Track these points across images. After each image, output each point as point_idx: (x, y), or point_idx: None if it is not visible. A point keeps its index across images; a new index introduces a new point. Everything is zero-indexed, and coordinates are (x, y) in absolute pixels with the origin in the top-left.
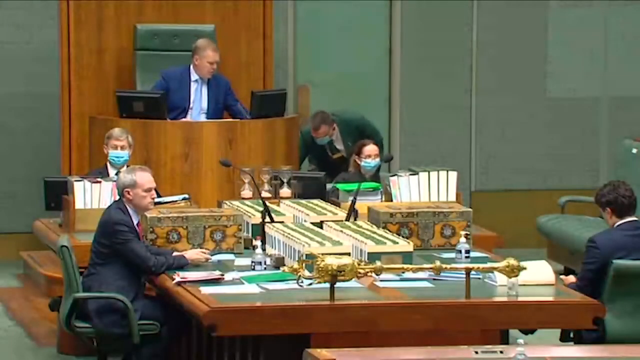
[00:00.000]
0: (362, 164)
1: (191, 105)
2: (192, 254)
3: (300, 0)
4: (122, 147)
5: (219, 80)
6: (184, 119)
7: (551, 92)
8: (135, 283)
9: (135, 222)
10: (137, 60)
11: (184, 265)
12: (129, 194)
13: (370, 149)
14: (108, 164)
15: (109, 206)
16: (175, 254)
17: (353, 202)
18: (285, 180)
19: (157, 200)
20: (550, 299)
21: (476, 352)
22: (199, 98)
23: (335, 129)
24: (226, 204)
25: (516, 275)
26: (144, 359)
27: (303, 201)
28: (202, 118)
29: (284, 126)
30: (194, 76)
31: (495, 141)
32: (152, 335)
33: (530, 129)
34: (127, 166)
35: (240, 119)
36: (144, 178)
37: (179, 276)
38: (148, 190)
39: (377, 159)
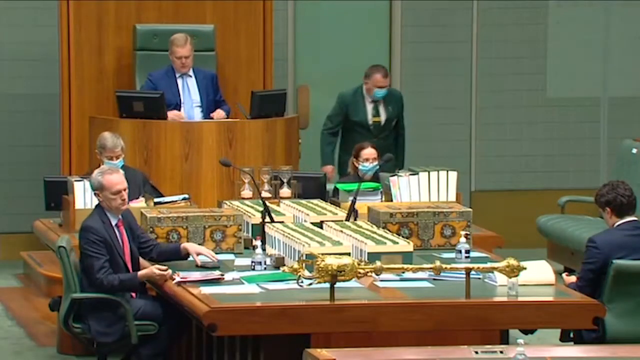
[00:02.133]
0: (360, 167)
1: (182, 100)
2: (147, 271)
3: (300, 0)
4: (117, 157)
5: (205, 73)
6: (182, 119)
7: (551, 92)
8: None
9: (114, 223)
10: (137, 60)
11: (135, 286)
12: (98, 196)
13: (368, 152)
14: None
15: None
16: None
17: (353, 202)
18: (285, 180)
19: (157, 200)
20: (550, 299)
21: (476, 352)
22: (187, 91)
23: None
24: (226, 204)
25: (516, 275)
26: (143, 359)
27: (303, 201)
28: (197, 111)
29: (284, 126)
30: (177, 72)
31: (495, 141)
32: (150, 335)
33: (530, 129)
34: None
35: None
36: (112, 181)
37: (178, 276)
38: (116, 192)
39: (375, 163)
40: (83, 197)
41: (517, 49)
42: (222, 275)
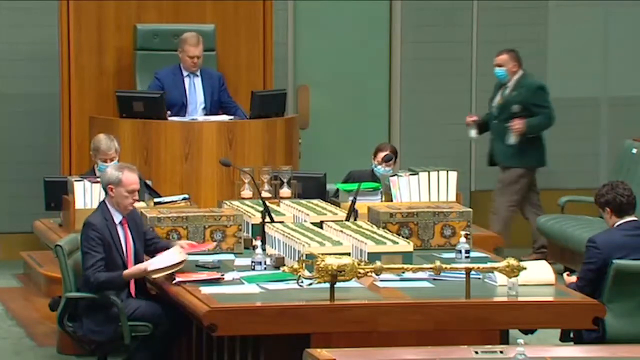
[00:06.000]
0: (372, 166)
1: (188, 100)
2: (131, 270)
3: (300, 0)
4: (111, 159)
5: (211, 74)
6: (183, 118)
7: (551, 92)
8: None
9: (117, 221)
10: (137, 60)
11: (119, 284)
12: (112, 190)
13: (383, 156)
14: (95, 168)
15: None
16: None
17: (353, 202)
18: (285, 180)
19: (157, 200)
20: (550, 299)
21: (476, 352)
22: (193, 92)
23: (518, 72)
24: (226, 204)
25: (516, 275)
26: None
27: (303, 201)
28: (201, 112)
29: (284, 126)
30: (185, 72)
31: None
32: (145, 336)
33: None
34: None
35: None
36: (130, 178)
37: (178, 276)
38: (131, 191)
39: (388, 168)
40: (83, 197)
41: (517, 48)
42: (222, 275)
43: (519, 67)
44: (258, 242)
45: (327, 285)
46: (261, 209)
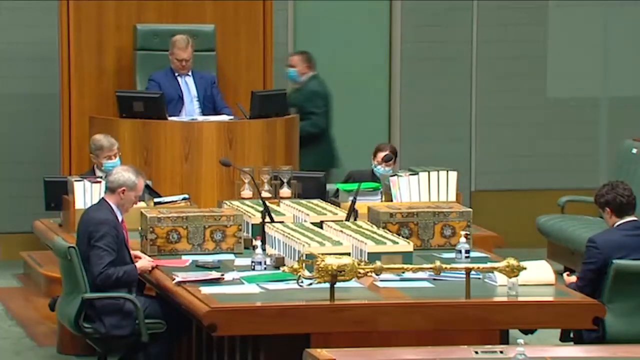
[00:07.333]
0: (372, 166)
1: (183, 93)
2: (143, 262)
3: (300, 0)
4: (115, 156)
5: (202, 74)
6: (183, 118)
7: (551, 92)
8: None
9: (120, 219)
10: (137, 60)
11: (133, 277)
12: (123, 193)
13: (383, 155)
14: (95, 169)
15: (91, 207)
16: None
17: (353, 202)
18: (285, 180)
19: (157, 200)
20: (550, 299)
21: (476, 352)
22: (186, 88)
23: (307, 73)
24: (226, 204)
25: (516, 275)
26: (152, 357)
27: (303, 201)
28: (196, 106)
29: (284, 126)
30: (176, 72)
31: (496, 141)
32: (159, 333)
33: (530, 129)
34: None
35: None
36: (142, 185)
37: (178, 276)
38: (138, 196)
39: (388, 168)
40: (83, 197)
41: (517, 49)
42: (222, 275)
43: (309, 69)
44: (258, 242)
45: (327, 285)
46: (261, 209)
